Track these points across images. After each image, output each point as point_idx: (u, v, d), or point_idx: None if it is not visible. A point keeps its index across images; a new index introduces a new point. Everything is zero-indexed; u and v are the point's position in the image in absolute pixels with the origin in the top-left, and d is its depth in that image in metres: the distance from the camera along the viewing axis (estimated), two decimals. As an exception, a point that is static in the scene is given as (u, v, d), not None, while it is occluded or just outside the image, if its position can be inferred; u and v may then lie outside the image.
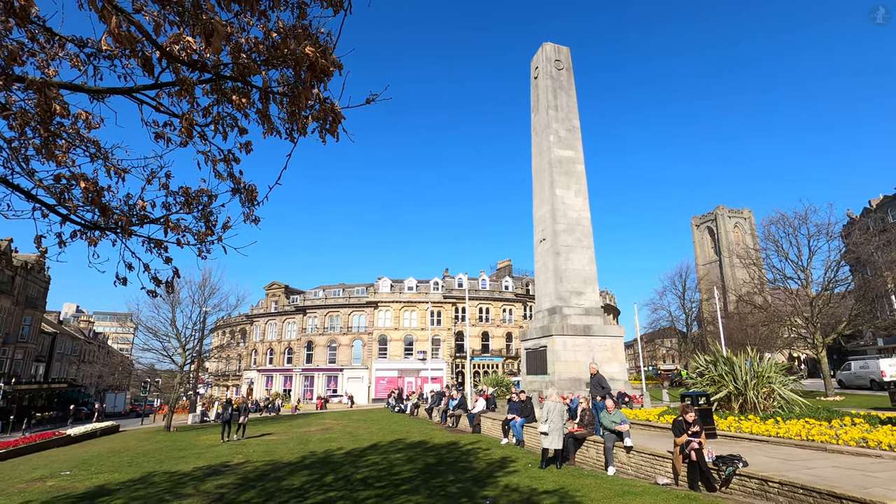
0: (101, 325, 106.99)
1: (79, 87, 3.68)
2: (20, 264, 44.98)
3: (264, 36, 3.33)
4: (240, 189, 5.05)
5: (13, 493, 11.47)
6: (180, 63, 2.64)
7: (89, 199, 3.83)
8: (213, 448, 18.46)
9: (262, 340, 63.38)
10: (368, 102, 2.79)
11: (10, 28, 2.84)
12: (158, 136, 3.89)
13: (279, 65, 2.73)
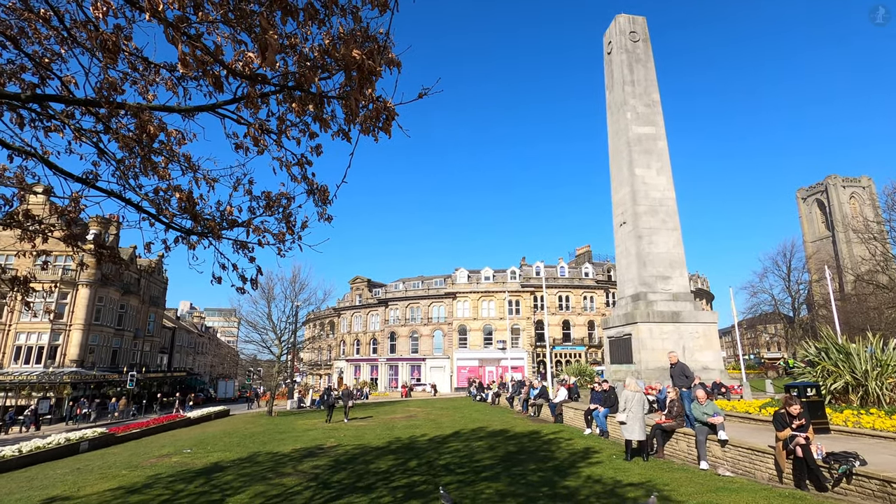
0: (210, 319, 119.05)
1: (171, 109, 4.12)
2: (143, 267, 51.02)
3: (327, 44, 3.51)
4: (314, 190, 5.36)
5: (147, 466, 13.20)
6: (243, 78, 2.88)
7: (183, 207, 4.28)
8: (308, 432, 19.90)
9: (348, 332, 66.89)
10: (420, 97, 2.86)
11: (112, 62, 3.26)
12: (238, 147, 4.25)
13: (332, 70, 2.87)
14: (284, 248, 4.85)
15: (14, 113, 4.12)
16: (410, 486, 9.27)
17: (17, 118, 4.16)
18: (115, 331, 46.16)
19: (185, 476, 11.51)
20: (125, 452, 16.44)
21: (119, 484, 10.89)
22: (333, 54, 2.66)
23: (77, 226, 5.61)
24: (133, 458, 14.97)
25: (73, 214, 5.22)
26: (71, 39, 4.60)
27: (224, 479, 11.01)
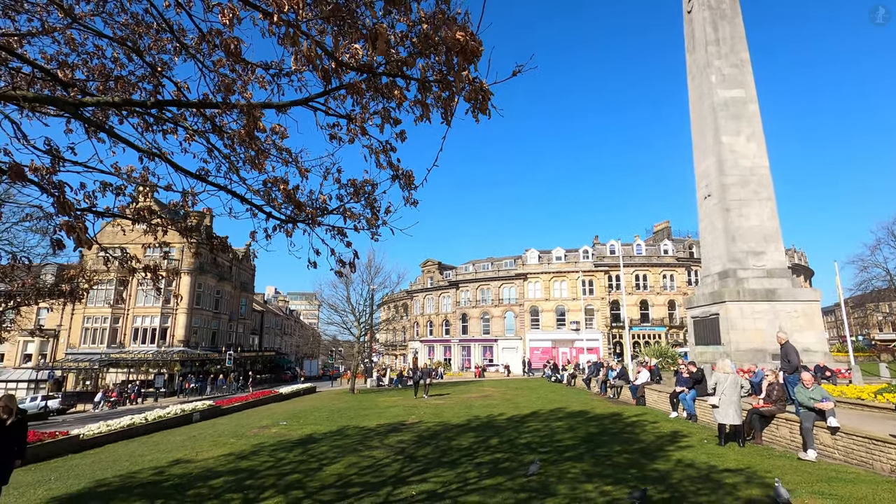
0: (294, 303, 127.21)
1: (270, 105, 4.41)
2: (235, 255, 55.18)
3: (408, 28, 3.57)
4: (398, 175, 5.51)
5: (250, 435, 14.52)
6: (351, 69, 3.01)
7: (288, 198, 4.59)
8: (390, 409, 20.82)
9: (421, 314, 68.63)
10: (515, 75, 2.83)
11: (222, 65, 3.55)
12: (332, 137, 4.47)
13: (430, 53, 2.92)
14: (376, 233, 5.06)
15: (141, 119, 4.60)
16: (494, 463, 9.46)
17: (143, 123, 4.65)
18: (213, 314, 50.73)
19: (285, 446, 12.53)
20: (230, 423, 18.17)
21: (230, 451, 12.09)
22: (433, 38, 2.70)
23: (189, 219, 6.21)
24: (238, 428, 16.51)
25: (188, 208, 5.78)
26: (181, 47, 5.05)
27: (319, 449, 11.86)
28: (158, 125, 5.27)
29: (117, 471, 10.33)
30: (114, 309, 44.12)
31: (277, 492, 8.10)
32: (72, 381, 42.85)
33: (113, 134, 4.42)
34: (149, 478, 9.58)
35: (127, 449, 13.28)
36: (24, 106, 4.35)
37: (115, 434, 15.00)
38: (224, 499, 7.83)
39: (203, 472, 9.89)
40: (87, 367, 42.08)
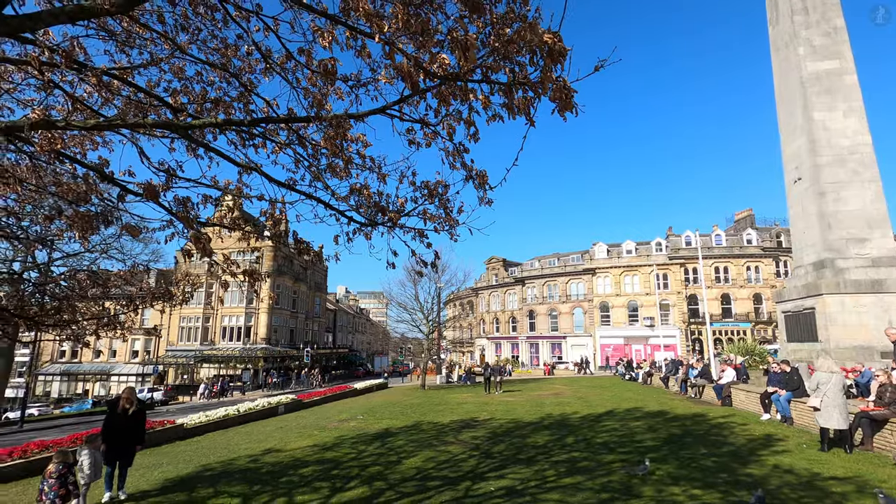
0: (363, 302, 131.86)
1: (352, 115, 4.66)
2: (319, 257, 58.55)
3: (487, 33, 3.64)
4: (472, 176, 5.61)
5: (332, 428, 15.31)
6: (438, 78, 3.13)
7: (372, 202, 4.83)
8: (462, 405, 21.07)
9: (487, 311, 68.63)
10: (597, 70, 2.80)
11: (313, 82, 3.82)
12: (412, 142, 4.64)
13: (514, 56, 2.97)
14: (455, 233, 5.19)
15: (238, 135, 5.03)
16: (572, 462, 9.33)
17: (240, 139, 5.08)
18: (290, 313, 53.81)
19: (364, 439, 13.09)
20: (312, 416, 19.24)
21: (314, 442, 12.82)
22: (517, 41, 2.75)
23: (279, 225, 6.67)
24: (319, 420, 17.45)
25: (277, 216, 6.22)
26: (270, 67, 5.44)
27: (396, 443, 12.28)
28: (249, 140, 5.72)
29: (218, 457, 11.30)
30: (205, 309, 48.07)
31: (362, 482, 8.50)
32: (172, 375, 47.22)
33: (216, 151, 4.87)
34: (245, 465, 10.39)
35: (224, 437, 14.47)
36: (145, 133, 4.92)
37: (213, 424, 16.38)
38: (314, 486, 8.34)
39: (292, 461, 10.58)
40: (184, 362, 46.20)
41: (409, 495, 7.64)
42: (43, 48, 4.43)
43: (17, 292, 6.48)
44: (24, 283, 6.88)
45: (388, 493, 7.80)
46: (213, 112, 5.75)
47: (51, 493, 6.46)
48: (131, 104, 5.84)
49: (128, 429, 8.12)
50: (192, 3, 5.28)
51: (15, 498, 8.44)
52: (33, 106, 5.65)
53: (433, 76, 3.02)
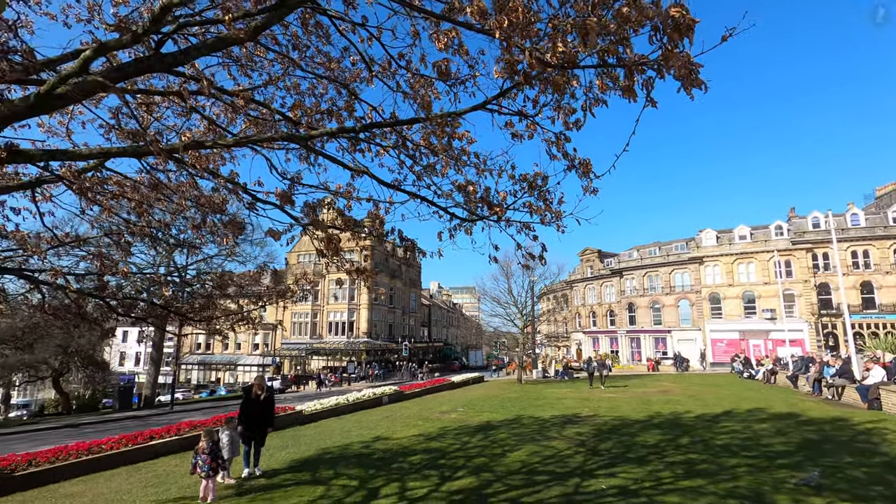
0: (456, 297, 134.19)
1: (453, 113, 4.77)
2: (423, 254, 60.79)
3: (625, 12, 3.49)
4: (574, 165, 5.45)
5: (434, 419, 15.81)
6: (551, 67, 3.09)
7: (478, 197, 4.91)
8: (561, 400, 20.65)
9: (583, 304, 66.31)
10: (724, 40, 2.57)
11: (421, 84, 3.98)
12: (514, 135, 4.62)
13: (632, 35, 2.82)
14: (562, 225, 5.09)
15: (350, 142, 5.37)
16: (689, 464, 8.74)
17: (350, 145, 5.42)
18: (388, 309, 56.36)
19: (467, 430, 13.35)
20: (415, 407, 20.00)
21: (419, 431, 13.34)
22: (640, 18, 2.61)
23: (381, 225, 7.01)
24: (422, 411, 18.10)
25: (381, 216, 6.53)
26: (372, 76, 5.73)
27: (499, 436, 12.36)
28: (356, 146, 6.07)
29: (334, 442, 12.19)
30: (314, 306, 52.03)
31: (469, 473, 8.68)
32: (287, 365, 51.79)
33: (330, 158, 5.25)
34: (359, 450, 11.10)
35: (338, 424, 15.58)
36: (267, 146, 5.44)
37: (326, 411, 17.70)
38: (423, 474, 8.68)
39: (401, 448, 11.10)
40: (297, 354, 50.42)
41: (516, 488, 7.66)
42: (187, 78, 5.07)
43: (175, 292, 7.52)
44: (180, 285, 7.96)
45: (495, 484, 7.89)
46: (320, 122, 6.20)
47: (205, 467, 7.42)
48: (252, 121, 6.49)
49: (260, 413, 9.06)
50: (303, 23, 5.72)
51: (173, 469, 9.80)
52: (177, 130, 6.50)
53: (547, 66, 2.97)
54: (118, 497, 7.77)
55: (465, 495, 7.33)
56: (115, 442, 10.58)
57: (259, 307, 7.67)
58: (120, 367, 57.51)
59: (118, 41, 3.38)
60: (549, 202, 5.88)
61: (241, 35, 3.65)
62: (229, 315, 7.47)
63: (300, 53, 6.25)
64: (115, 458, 10.21)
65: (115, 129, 6.40)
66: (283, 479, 8.72)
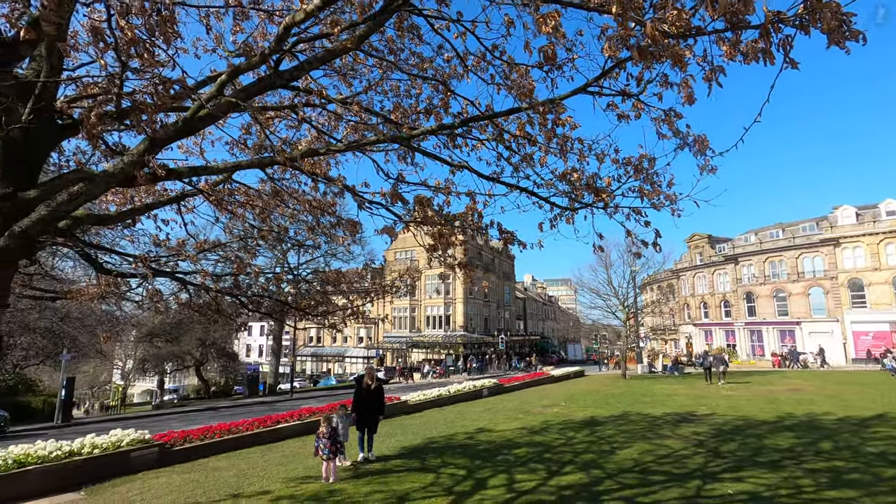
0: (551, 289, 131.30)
1: (553, 100, 4.64)
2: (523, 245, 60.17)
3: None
4: (687, 143, 5.04)
5: (535, 413, 15.63)
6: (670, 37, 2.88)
7: (582, 184, 4.75)
8: (671, 397, 19.33)
9: (692, 294, 61.36)
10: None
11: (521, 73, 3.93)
12: (620, 117, 4.39)
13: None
14: (678, 208, 4.75)
15: (449, 138, 5.47)
16: (835, 472, 7.73)
17: (449, 141, 5.52)
18: (483, 302, 56.71)
19: (570, 425, 13.02)
20: (514, 400, 19.94)
21: (522, 425, 13.27)
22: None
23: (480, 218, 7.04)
24: (522, 405, 17.99)
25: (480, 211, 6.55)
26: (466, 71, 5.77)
27: (605, 432, 11.89)
28: (452, 141, 6.15)
29: (439, 432, 12.57)
30: (412, 301, 54.00)
31: (577, 468, 8.46)
32: (389, 358, 54.36)
33: (431, 155, 5.39)
34: (463, 441, 11.33)
35: (441, 415, 16.03)
36: (371, 149, 5.72)
37: (429, 402, 18.30)
38: (530, 467, 8.62)
39: (504, 441, 11.13)
40: (398, 347, 52.70)
41: (630, 487, 7.32)
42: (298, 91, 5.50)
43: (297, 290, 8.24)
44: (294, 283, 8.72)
45: (606, 482, 7.61)
46: (416, 122, 6.37)
47: (325, 450, 8.05)
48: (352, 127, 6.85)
49: (371, 401, 9.61)
50: (398, 27, 5.91)
51: (298, 450, 10.75)
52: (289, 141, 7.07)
53: (667, 36, 2.76)
54: (256, 472, 8.71)
55: (574, 491, 7.16)
56: (248, 424, 11.87)
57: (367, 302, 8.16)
58: (246, 358, 64.34)
59: (248, 63, 3.77)
60: (657, 185, 5.51)
61: (348, 45, 3.87)
62: (342, 310, 8.02)
63: (395, 57, 6.47)
64: (250, 438, 11.45)
65: (238, 145, 7.14)
66: (395, 464, 9.17)
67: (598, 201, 4.88)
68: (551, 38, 4.11)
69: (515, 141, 5.54)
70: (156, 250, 7.26)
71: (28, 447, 8.33)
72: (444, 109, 6.23)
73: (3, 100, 3.50)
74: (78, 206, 4.05)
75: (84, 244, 6.62)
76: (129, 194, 7.11)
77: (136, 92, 3.68)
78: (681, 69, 3.28)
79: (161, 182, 4.78)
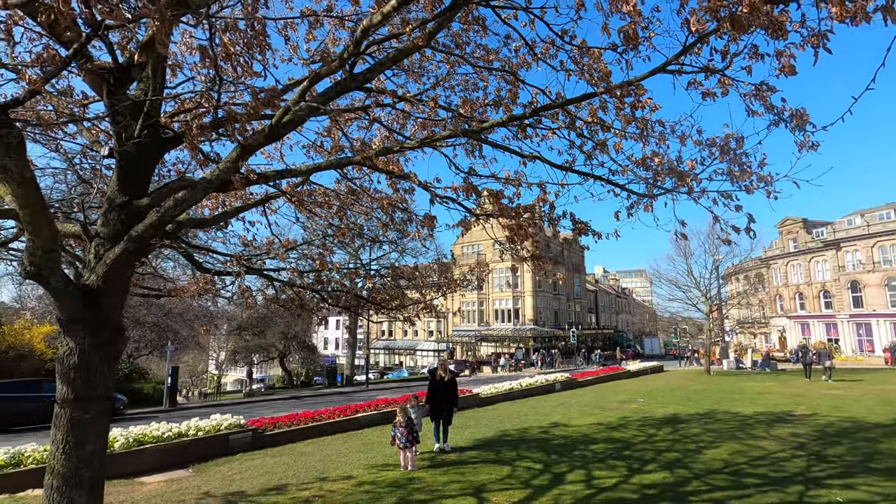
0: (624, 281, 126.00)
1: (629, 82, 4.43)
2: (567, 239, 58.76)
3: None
4: (783, 118, 4.63)
5: (612, 408, 15.13)
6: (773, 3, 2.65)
7: (665, 169, 4.51)
8: (763, 395, 17.92)
9: (784, 284, 56.28)
10: None
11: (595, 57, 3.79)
12: (706, 95, 4.12)
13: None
14: (773, 190, 4.38)
15: (520, 129, 5.41)
16: (970, 483, 6.80)
17: (520, 131, 5.46)
18: (552, 295, 55.62)
19: (650, 422, 12.47)
20: (588, 395, 19.42)
21: (597, 420, 12.91)
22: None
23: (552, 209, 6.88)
24: (597, 400, 17.48)
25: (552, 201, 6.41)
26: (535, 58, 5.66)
27: (689, 430, 11.27)
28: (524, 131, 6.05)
29: (513, 425, 12.53)
30: (479, 295, 54.14)
31: (660, 467, 8.10)
32: (459, 351, 54.92)
33: (502, 147, 5.36)
34: (537, 434, 11.22)
35: (513, 408, 15.97)
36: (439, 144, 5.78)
37: (500, 396, 18.29)
38: (609, 464, 8.38)
39: (580, 436, 10.89)
40: (467, 340, 53.09)
41: (721, 489, 6.89)
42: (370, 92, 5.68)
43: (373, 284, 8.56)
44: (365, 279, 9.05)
45: (694, 482, 7.22)
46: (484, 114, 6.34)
47: (402, 438, 8.31)
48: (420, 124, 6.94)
49: (444, 393, 9.78)
50: (464, 21, 5.91)
51: (376, 439, 11.19)
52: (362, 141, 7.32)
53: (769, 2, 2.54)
54: (339, 458, 9.18)
55: (658, 490, 6.86)
56: (330, 413, 12.53)
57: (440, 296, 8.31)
58: (324, 350, 67.77)
59: (328, 68, 3.96)
60: (745, 166, 5.11)
61: (420, 42, 3.94)
62: (416, 304, 8.22)
63: (461, 51, 6.48)
64: (332, 426, 12.09)
65: (314, 147, 7.50)
66: (470, 455, 9.28)
67: (682, 186, 4.60)
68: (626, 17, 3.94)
69: (588, 127, 5.36)
70: (245, 250, 7.83)
71: (144, 428, 9.36)
72: (512, 100, 6.16)
73: (120, 119, 3.94)
74: (182, 212, 4.47)
75: (187, 246, 7.29)
76: (220, 199, 7.72)
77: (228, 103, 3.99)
78: (781, 37, 3.00)
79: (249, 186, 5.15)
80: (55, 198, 9.59)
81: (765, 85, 4.60)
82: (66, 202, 9.43)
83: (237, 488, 7.40)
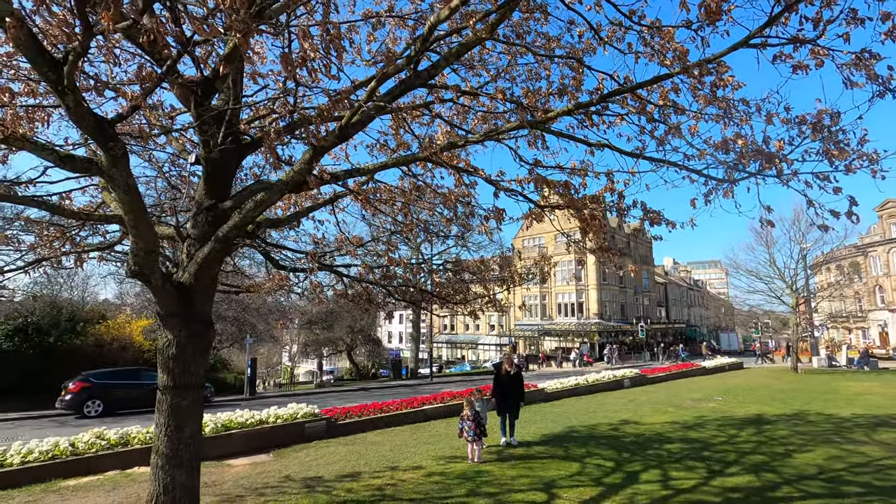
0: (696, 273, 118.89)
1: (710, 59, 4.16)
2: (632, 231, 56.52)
3: None
4: (889, 89, 4.17)
5: (687, 407, 14.37)
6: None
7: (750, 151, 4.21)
8: (862, 396, 16.30)
9: (886, 274, 50.70)
10: None
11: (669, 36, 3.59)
12: (796, 68, 3.79)
13: None
14: (882, 169, 3.96)
15: (586, 117, 5.24)
16: None
17: (586, 119, 5.29)
18: (619, 288, 53.62)
19: (731, 422, 11.73)
20: (660, 392, 18.57)
21: (671, 419, 12.32)
22: None
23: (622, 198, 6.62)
24: (670, 397, 16.68)
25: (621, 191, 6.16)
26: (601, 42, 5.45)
27: (776, 432, 10.48)
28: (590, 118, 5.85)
29: (580, 421, 12.25)
30: (542, 288, 53.26)
31: (744, 469, 7.61)
32: (521, 345, 54.42)
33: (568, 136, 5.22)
34: (607, 432, 10.89)
35: (580, 404, 15.60)
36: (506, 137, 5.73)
37: (566, 391, 17.92)
38: (686, 464, 7.98)
39: (654, 434, 10.45)
40: (530, 335, 52.48)
41: (816, 496, 6.36)
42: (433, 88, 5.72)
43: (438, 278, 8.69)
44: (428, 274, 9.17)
45: (784, 487, 6.71)
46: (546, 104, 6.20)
47: (470, 432, 8.37)
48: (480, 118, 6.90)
49: (510, 387, 9.73)
50: (524, 9, 5.80)
51: (443, 431, 11.35)
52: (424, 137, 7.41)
53: None
54: (408, 448, 9.42)
55: (744, 494, 6.45)
56: (398, 405, 12.86)
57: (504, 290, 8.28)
58: (388, 344, 69.59)
59: (396, 67, 4.05)
60: (843, 144, 4.64)
61: (483, 35, 3.91)
62: (480, 297, 8.23)
63: (521, 40, 6.36)
64: (400, 417, 12.41)
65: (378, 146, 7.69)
66: (537, 450, 9.18)
67: (769, 169, 4.26)
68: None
69: (660, 111, 5.10)
70: (316, 247, 8.20)
71: (230, 414, 10.09)
72: (577, 88, 5.98)
73: (206, 128, 4.25)
74: (261, 212, 4.75)
75: (265, 244, 7.75)
76: (292, 199, 8.12)
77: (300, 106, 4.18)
78: None
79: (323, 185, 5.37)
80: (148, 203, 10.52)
81: (868, 52, 4.16)
82: (157, 207, 10.32)
83: (315, 473, 7.79)
